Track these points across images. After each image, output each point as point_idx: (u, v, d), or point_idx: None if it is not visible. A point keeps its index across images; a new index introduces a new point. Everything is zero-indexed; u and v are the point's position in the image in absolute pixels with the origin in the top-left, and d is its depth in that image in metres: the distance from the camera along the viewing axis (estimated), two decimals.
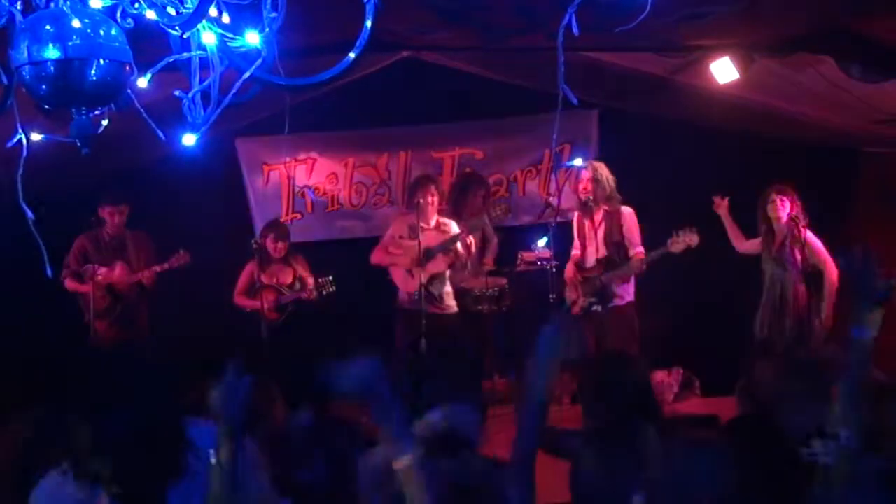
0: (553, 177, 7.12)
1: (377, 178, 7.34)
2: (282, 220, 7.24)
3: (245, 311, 6.35)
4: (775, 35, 4.56)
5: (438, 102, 6.99)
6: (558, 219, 6.29)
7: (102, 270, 6.07)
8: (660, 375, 6.51)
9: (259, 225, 6.96)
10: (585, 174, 5.82)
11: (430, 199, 6.11)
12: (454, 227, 6.10)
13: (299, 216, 7.37)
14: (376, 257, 6.25)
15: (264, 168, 7.28)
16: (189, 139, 2.06)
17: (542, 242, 6.57)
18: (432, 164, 7.30)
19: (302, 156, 7.31)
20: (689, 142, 6.78)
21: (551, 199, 6.72)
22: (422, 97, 6.95)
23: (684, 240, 5.54)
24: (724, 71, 5.13)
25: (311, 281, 6.27)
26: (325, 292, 6.16)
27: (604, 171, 5.81)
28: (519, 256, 6.79)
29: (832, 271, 5.49)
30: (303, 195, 7.34)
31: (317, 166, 7.33)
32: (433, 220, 6.14)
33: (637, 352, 5.72)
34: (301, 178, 7.33)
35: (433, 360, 3.15)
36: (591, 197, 5.76)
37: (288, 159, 7.29)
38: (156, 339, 6.35)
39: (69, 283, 6.14)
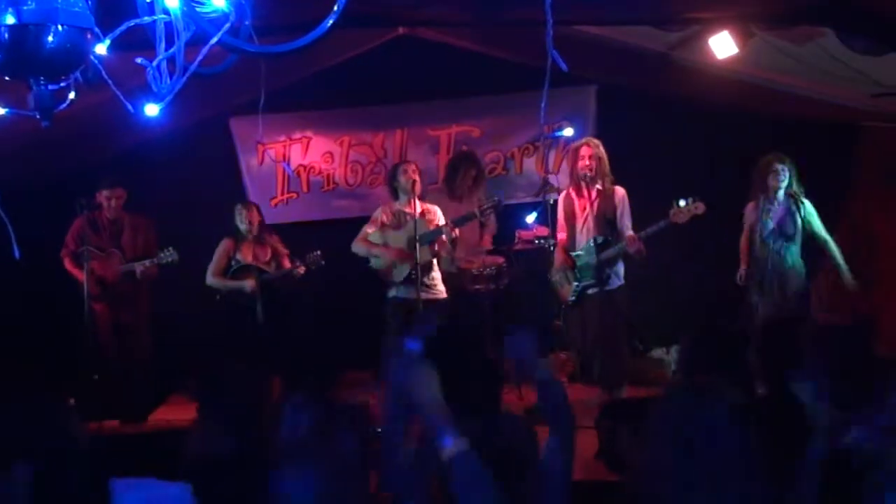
0: (546, 151, 7.01)
1: (373, 156, 7.26)
2: (277, 199, 7.19)
3: (219, 293, 6.25)
4: (775, 6, 4.46)
5: (435, 80, 6.91)
6: (556, 196, 6.21)
7: (97, 256, 6.04)
8: (658, 354, 6.48)
9: None
10: (587, 150, 5.61)
11: (409, 178, 5.82)
12: (439, 215, 5.92)
13: (295, 195, 7.30)
14: (357, 247, 5.99)
15: (259, 147, 7.20)
16: (152, 110, 1.98)
17: (531, 218, 6.52)
18: (429, 142, 7.22)
19: (297, 135, 7.23)
20: (688, 118, 6.72)
21: (549, 176, 6.64)
22: (418, 75, 6.88)
23: (689, 209, 5.31)
24: (723, 46, 5.04)
25: (286, 257, 6.17)
26: (314, 267, 6.08)
27: (601, 147, 5.70)
28: (517, 235, 6.75)
29: (831, 241, 5.58)
30: (298, 174, 7.26)
31: (312, 145, 7.25)
32: (416, 206, 5.83)
33: (626, 335, 5.68)
34: (296, 158, 7.25)
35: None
36: (591, 174, 5.59)
37: (283, 138, 7.22)
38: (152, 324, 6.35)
39: (67, 264, 6.15)
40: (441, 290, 5.91)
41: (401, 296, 5.85)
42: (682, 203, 5.33)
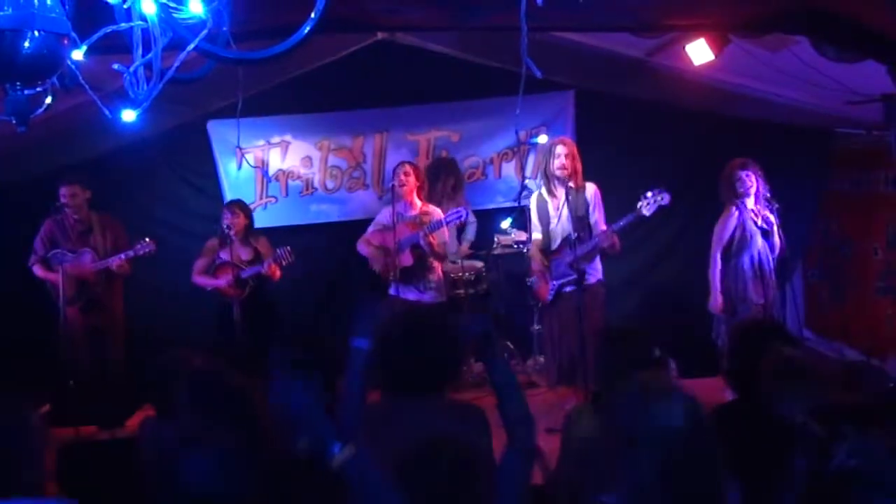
0: (525, 156, 7.04)
1: (352, 161, 7.25)
2: (256, 203, 7.16)
3: (207, 291, 6.25)
4: (750, 14, 4.52)
5: (413, 85, 6.92)
6: None
7: (70, 258, 5.99)
8: None
9: None
10: (563, 149, 5.62)
11: (403, 179, 5.98)
12: (435, 215, 5.97)
13: (273, 200, 7.28)
14: (361, 248, 6.22)
15: (237, 152, 7.16)
16: (129, 115, 1.97)
17: (506, 224, 6.55)
18: (408, 147, 7.22)
19: (275, 139, 7.21)
20: (666, 123, 6.79)
21: (528, 181, 6.67)
22: (397, 79, 6.88)
23: (654, 200, 5.37)
24: (699, 52, 5.11)
25: (269, 256, 6.16)
26: (284, 263, 6.07)
27: (574, 146, 5.74)
28: (496, 240, 6.78)
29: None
30: (277, 179, 7.24)
31: (290, 150, 7.22)
32: (414, 206, 6.01)
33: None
34: (275, 162, 7.23)
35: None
36: (567, 173, 5.59)
37: (261, 143, 7.19)
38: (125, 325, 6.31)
39: (38, 270, 6.09)
40: (433, 297, 5.98)
41: (397, 294, 5.95)
42: (648, 194, 5.38)
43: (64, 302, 5.81)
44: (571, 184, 5.60)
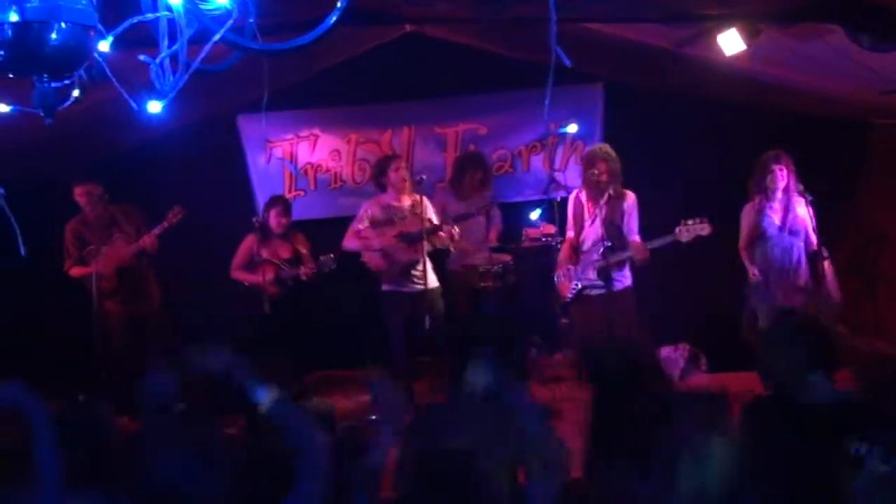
0: (553, 149, 7.00)
1: (380, 154, 7.24)
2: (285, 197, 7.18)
3: (244, 286, 6.29)
4: (783, 3, 4.45)
5: (442, 77, 6.90)
6: (563, 194, 6.22)
7: (104, 250, 6.05)
8: (665, 351, 6.47)
9: (261, 202, 6.89)
10: (603, 166, 5.60)
11: (398, 175, 5.89)
12: (429, 209, 5.95)
13: (302, 193, 7.31)
14: (350, 243, 6.01)
15: (266, 145, 7.21)
16: (155, 107, 1.98)
17: (535, 215, 6.52)
18: (436, 140, 7.22)
19: (304, 132, 7.24)
20: (696, 115, 6.70)
21: (556, 173, 6.64)
22: (425, 72, 6.87)
23: (694, 229, 5.34)
24: (730, 42, 5.02)
25: (309, 258, 6.19)
26: (326, 269, 6.07)
27: (613, 153, 5.69)
28: (524, 233, 6.74)
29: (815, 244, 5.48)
30: (305, 172, 7.27)
31: (319, 143, 7.25)
32: (406, 200, 5.94)
33: (636, 335, 5.66)
34: (303, 156, 7.25)
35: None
36: (606, 182, 5.58)
37: (290, 136, 7.22)
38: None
39: (75, 271, 6.15)
40: (432, 280, 5.95)
41: (394, 289, 5.88)
42: (689, 221, 5.36)
43: (102, 295, 5.89)
44: (611, 191, 5.59)
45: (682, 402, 2.29)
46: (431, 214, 5.97)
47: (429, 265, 5.95)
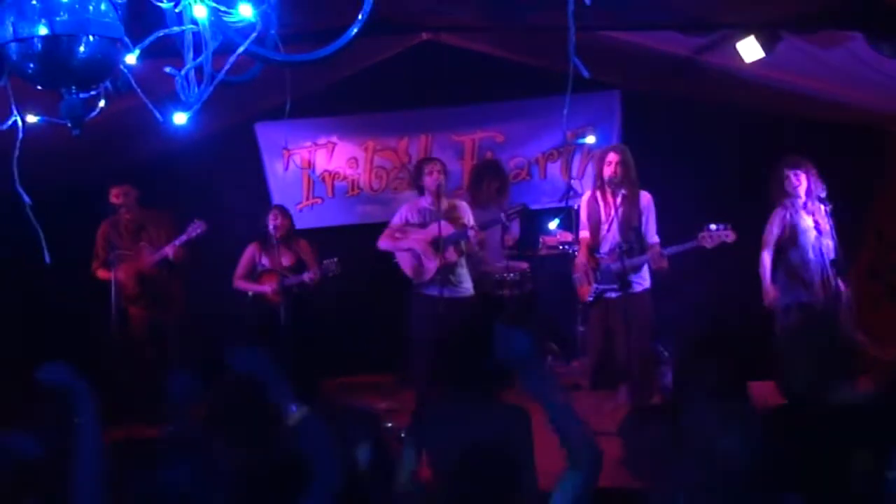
0: (571, 157, 6.99)
1: (397, 161, 7.28)
2: (303, 204, 7.22)
3: (248, 296, 6.30)
4: (803, 9, 4.43)
5: (458, 85, 6.92)
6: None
7: (128, 256, 6.12)
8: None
9: None
10: (614, 157, 5.60)
11: (434, 177, 5.83)
12: (466, 212, 5.91)
13: (319, 201, 7.34)
14: (384, 243, 6.00)
15: (284, 153, 7.25)
16: (180, 118, 2.00)
17: (553, 225, 6.51)
18: (453, 148, 7.23)
19: (322, 140, 7.27)
20: (715, 123, 6.67)
21: (573, 182, 6.63)
22: (442, 80, 6.89)
23: (718, 235, 5.32)
24: (749, 49, 5.00)
25: (313, 263, 6.17)
26: (329, 274, 6.07)
27: (629, 153, 5.68)
28: (541, 240, 6.73)
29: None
30: (323, 180, 7.30)
31: (337, 151, 7.28)
32: (443, 202, 5.90)
33: (651, 339, 5.64)
34: (321, 163, 7.29)
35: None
36: (618, 180, 5.56)
37: (308, 144, 7.26)
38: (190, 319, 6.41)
39: (101, 273, 6.21)
40: (467, 289, 5.90)
41: (425, 293, 5.85)
42: (712, 227, 5.32)
43: (122, 301, 5.95)
44: (625, 191, 5.56)
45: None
46: (468, 219, 5.89)
47: (465, 272, 5.93)
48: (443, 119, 7.24)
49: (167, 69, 1.86)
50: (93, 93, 1.87)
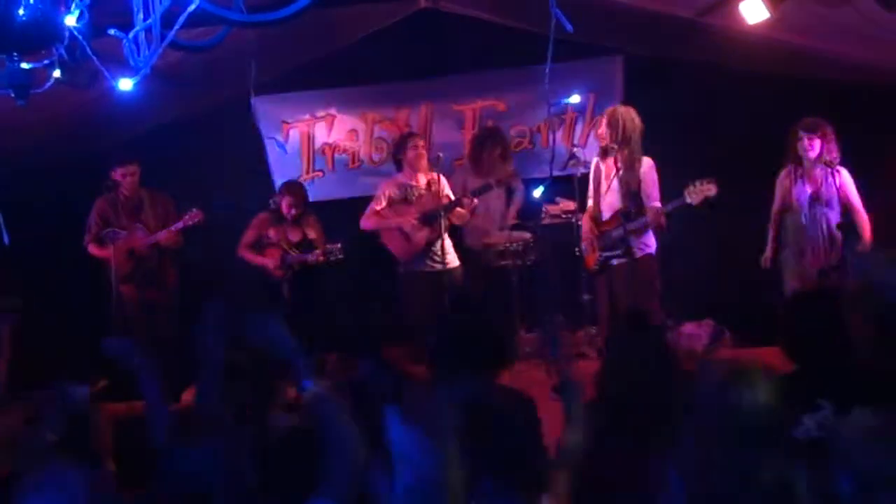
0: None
1: (397, 132, 7.16)
2: (303, 178, 7.14)
3: (251, 266, 6.26)
4: None
5: (458, 54, 6.82)
6: (583, 170, 6.10)
7: (122, 234, 6.08)
8: (689, 328, 6.34)
9: (278, 183, 6.85)
10: (601, 119, 5.61)
11: (415, 153, 5.87)
12: (446, 186, 5.89)
13: (320, 174, 7.26)
14: (368, 223, 6.02)
15: (283, 126, 7.16)
16: (126, 84, 1.92)
17: (538, 192, 6.38)
18: (454, 117, 7.13)
19: (321, 113, 7.18)
20: (719, 86, 6.51)
21: (576, 149, 6.51)
22: (441, 49, 6.79)
23: (701, 190, 5.27)
24: (753, 10, 4.88)
25: (319, 243, 6.14)
26: (332, 258, 6.03)
27: (622, 115, 5.55)
28: (544, 209, 6.64)
29: (862, 213, 5.39)
30: (323, 153, 7.22)
31: (336, 123, 7.19)
32: (422, 178, 5.88)
33: (656, 305, 5.56)
34: (321, 136, 7.20)
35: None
36: (608, 143, 5.51)
37: (307, 117, 7.17)
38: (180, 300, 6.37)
39: (92, 249, 6.18)
40: (452, 259, 5.90)
41: (413, 269, 5.86)
42: (696, 183, 5.29)
43: (118, 279, 5.90)
44: (621, 154, 5.46)
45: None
46: (448, 192, 5.90)
47: (448, 244, 5.89)
48: (443, 88, 7.12)
49: (112, 31, 1.76)
50: (45, 62, 1.78)
